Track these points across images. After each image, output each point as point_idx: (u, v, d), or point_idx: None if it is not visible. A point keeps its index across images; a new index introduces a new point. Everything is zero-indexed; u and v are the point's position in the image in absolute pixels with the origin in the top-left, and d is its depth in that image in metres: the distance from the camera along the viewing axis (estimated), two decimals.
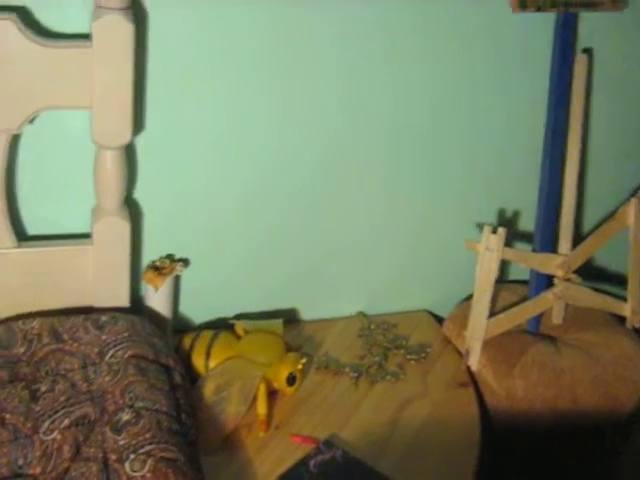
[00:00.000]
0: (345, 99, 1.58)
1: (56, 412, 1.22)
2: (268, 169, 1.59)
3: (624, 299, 1.75)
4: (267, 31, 1.48)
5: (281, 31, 1.49)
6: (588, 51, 1.69)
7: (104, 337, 1.34)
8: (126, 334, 1.34)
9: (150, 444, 1.17)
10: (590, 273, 1.83)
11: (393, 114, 1.62)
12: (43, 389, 1.26)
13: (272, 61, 1.51)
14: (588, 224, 1.85)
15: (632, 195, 1.74)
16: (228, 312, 1.67)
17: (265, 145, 1.57)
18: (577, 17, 1.64)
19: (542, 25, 1.63)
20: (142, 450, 1.16)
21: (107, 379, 1.27)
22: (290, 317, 1.71)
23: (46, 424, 1.21)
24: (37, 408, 1.23)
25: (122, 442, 1.17)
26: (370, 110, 1.60)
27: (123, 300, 1.49)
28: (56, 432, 1.20)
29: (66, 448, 1.18)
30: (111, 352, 1.32)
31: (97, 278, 1.47)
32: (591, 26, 1.67)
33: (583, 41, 1.68)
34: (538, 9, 1.58)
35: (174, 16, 1.42)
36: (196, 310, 1.66)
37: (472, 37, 1.61)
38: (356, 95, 1.58)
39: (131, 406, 1.22)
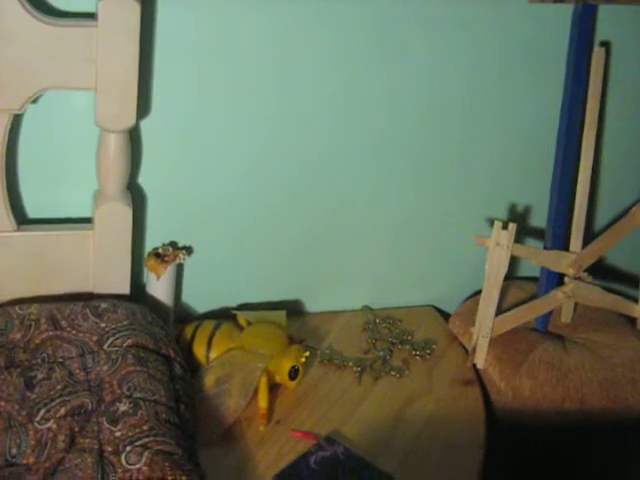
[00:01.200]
0: (374, 97, 1.56)
1: (52, 401, 1.20)
2: (280, 162, 1.57)
3: (635, 300, 1.73)
4: (299, 19, 1.46)
5: (311, 23, 1.47)
6: (606, 45, 1.65)
7: (103, 325, 1.31)
8: (126, 322, 1.32)
9: (147, 436, 1.14)
10: (601, 272, 1.80)
11: (408, 115, 1.60)
12: (39, 377, 1.24)
13: (297, 52, 1.48)
14: (600, 222, 1.82)
15: None
16: (231, 302, 1.65)
17: (281, 138, 1.55)
18: (596, 9, 1.60)
19: (558, 17, 1.60)
20: (139, 442, 1.13)
21: (105, 368, 1.25)
22: (294, 308, 1.69)
23: (41, 413, 1.18)
24: (32, 396, 1.21)
25: (118, 433, 1.15)
26: (386, 114, 1.58)
27: (124, 287, 1.47)
28: (51, 421, 1.17)
29: (61, 438, 1.16)
30: (110, 340, 1.29)
31: (98, 264, 1.44)
32: (609, 19, 1.64)
33: (600, 34, 1.65)
34: (556, 0, 1.55)
35: None
36: (198, 299, 1.64)
37: (484, 29, 1.58)
38: (387, 92, 1.56)
39: (129, 396, 1.20)
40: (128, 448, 1.13)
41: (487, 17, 1.56)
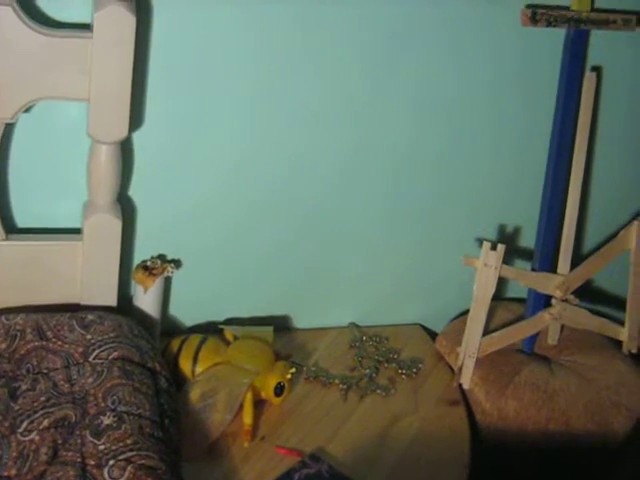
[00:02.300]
0: (357, 118, 1.56)
1: (35, 412, 1.19)
2: (269, 176, 1.57)
3: (621, 323, 1.73)
4: (285, 27, 1.46)
5: (299, 29, 1.46)
6: (597, 69, 1.66)
7: (89, 337, 1.31)
8: (112, 335, 1.31)
9: (131, 450, 1.14)
10: (588, 294, 1.81)
11: (399, 131, 1.60)
12: (23, 387, 1.23)
13: (284, 62, 1.48)
14: (589, 245, 1.83)
15: (634, 218, 1.72)
16: (218, 316, 1.64)
17: (269, 151, 1.55)
18: (588, 34, 1.61)
19: (550, 41, 1.61)
20: (122, 456, 1.12)
21: (90, 380, 1.24)
22: (282, 324, 1.68)
23: (24, 424, 1.17)
24: (16, 407, 1.20)
25: (102, 447, 1.14)
26: (377, 128, 1.59)
27: (111, 299, 1.46)
28: (34, 433, 1.16)
29: (43, 450, 1.15)
30: (95, 352, 1.28)
31: (85, 275, 1.44)
32: (601, 44, 1.65)
33: (592, 59, 1.66)
34: (549, 24, 1.56)
35: (179, 8, 1.39)
36: (186, 313, 1.63)
37: (477, 50, 1.58)
38: (366, 115, 1.57)
39: (113, 410, 1.19)
40: (111, 462, 1.12)
41: (480, 38, 1.57)
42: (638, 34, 1.64)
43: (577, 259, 1.71)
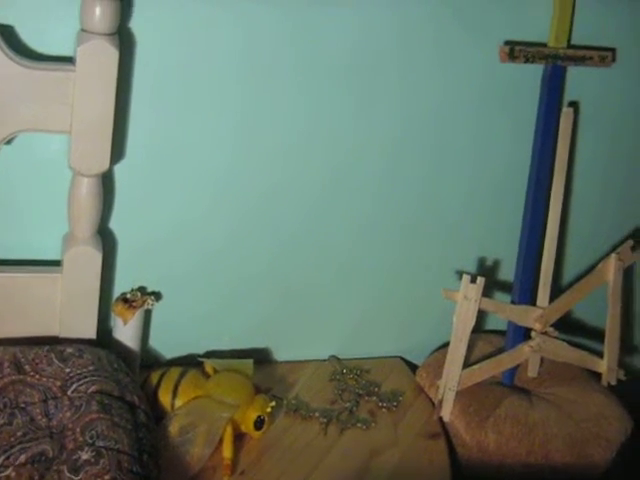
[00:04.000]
0: (338, 143, 1.58)
1: (12, 447, 1.17)
2: (248, 208, 1.57)
3: (600, 355, 1.74)
4: (260, 59, 1.48)
5: (271, 58, 1.48)
6: (574, 104, 1.69)
7: (68, 370, 1.30)
8: (91, 368, 1.30)
9: None
10: (567, 326, 1.81)
11: (379, 160, 1.62)
12: (0, 422, 1.21)
13: (256, 94, 1.50)
14: (567, 278, 1.84)
15: (612, 250, 1.74)
16: (198, 349, 1.63)
17: (247, 183, 1.55)
18: (565, 70, 1.64)
19: (529, 77, 1.63)
20: None
21: (68, 415, 1.23)
22: (262, 357, 1.68)
23: (0, 460, 1.16)
24: None
25: None
26: (357, 157, 1.60)
27: (90, 332, 1.45)
28: (10, 469, 1.15)
29: None
30: (74, 386, 1.27)
31: (65, 308, 1.43)
32: (578, 80, 1.68)
33: (570, 95, 1.69)
34: (527, 60, 1.58)
35: (160, 43, 1.40)
36: (166, 345, 1.62)
37: (458, 86, 1.61)
38: (349, 141, 1.58)
39: (91, 444, 1.18)
40: None
41: (460, 72, 1.60)
42: (614, 70, 1.67)
43: (556, 291, 1.72)
